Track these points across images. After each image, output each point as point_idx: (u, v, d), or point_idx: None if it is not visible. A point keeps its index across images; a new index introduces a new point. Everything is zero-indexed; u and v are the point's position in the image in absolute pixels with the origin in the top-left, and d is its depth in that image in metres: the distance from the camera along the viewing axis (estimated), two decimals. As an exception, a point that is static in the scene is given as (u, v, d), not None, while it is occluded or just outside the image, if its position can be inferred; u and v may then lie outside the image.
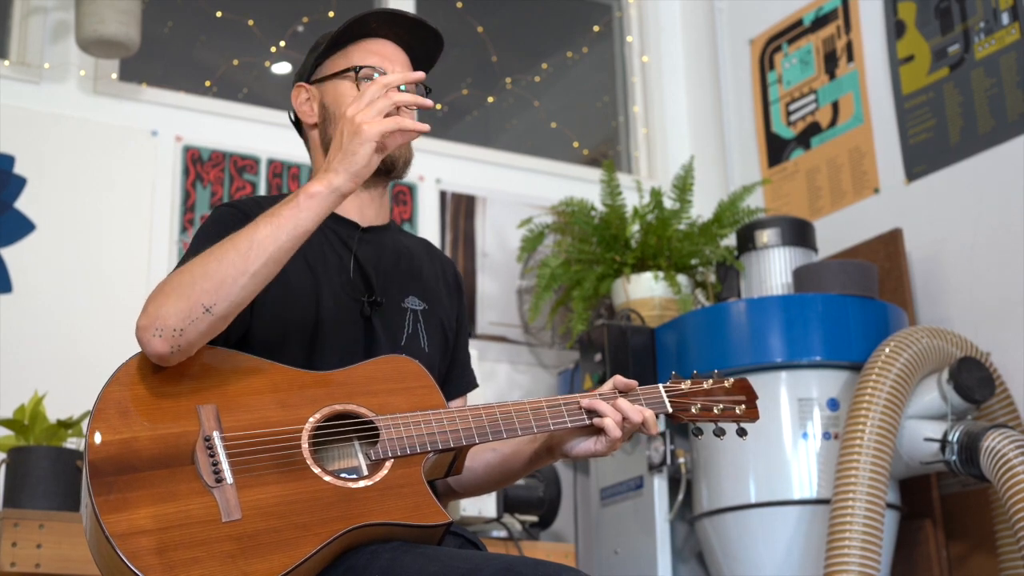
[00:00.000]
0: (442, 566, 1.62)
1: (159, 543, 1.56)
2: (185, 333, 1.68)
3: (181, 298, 1.69)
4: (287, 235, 1.71)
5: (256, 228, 1.71)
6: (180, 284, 1.71)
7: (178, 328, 1.68)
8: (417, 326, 2.00)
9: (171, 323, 1.68)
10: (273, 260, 1.71)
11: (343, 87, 2.01)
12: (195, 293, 1.68)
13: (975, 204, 3.64)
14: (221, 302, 1.69)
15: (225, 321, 1.72)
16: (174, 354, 1.69)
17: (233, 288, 1.69)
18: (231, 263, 1.69)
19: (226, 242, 1.72)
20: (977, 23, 3.73)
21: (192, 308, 1.68)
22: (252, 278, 1.70)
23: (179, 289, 1.70)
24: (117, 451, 1.62)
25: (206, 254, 1.72)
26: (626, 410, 1.85)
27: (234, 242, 1.71)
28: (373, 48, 2.02)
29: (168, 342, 1.68)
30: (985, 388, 3.20)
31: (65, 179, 3.62)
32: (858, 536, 3.01)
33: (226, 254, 1.70)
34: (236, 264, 1.69)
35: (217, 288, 1.69)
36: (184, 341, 1.69)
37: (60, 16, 3.73)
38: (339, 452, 1.75)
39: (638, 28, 4.82)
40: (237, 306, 1.71)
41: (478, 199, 4.25)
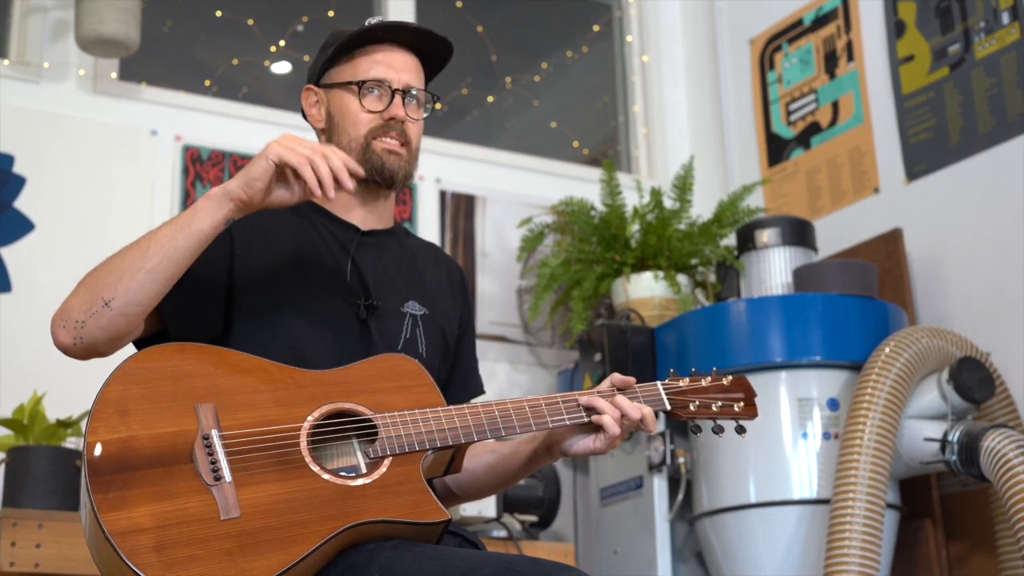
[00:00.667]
0: (441, 565, 1.62)
1: (158, 541, 1.56)
2: (86, 326, 1.75)
3: (86, 291, 1.77)
4: (183, 234, 1.77)
5: (158, 228, 1.79)
6: (88, 278, 1.78)
7: (80, 320, 1.75)
8: (416, 331, 2.00)
9: (74, 315, 1.76)
10: (169, 258, 1.76)
11: (347, 99, 2.02)
12: (97, 287, 1.76)
13: (975, 204, 3.64)
14: (119, 297, 1.74)
15: (126, 319, 1.76)
16: (77, 346, 1.77)
17: (131, 284, 1.75)
18: (131, 259, 1.76)
19: (134, 242, 1.79)
20: (977, 23, 3.72)
21: (93, 301, 1.75)
22: (148, 274, 1.75)
23: (86, 283, 1.78)
24: (116, 450, 1.62)
25: (116, 252, 1.79)
26: (625, 407, 1.85)
27: (138, 241, 1.79)
28: (380, 58, 2.02)
29: (71, 333, 1.76)
30: (985, 388, 3.20)
31: (65, 178, 3.62)
32: (858, 536, 3.01)
33: (128, 251, 1.78)
34: (135, 260, 1.76)
35: (116, 282, 1.75)
36: (86, 334, 1.75)
37: (59, 15, 3.73)
38: (337, 450, 1.75)
39: (638, 28, 4.82)
40: (136, 304, 1.76)
41: (478, 199, 4.25)
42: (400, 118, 2.00)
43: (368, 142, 1.99)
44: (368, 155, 1.99)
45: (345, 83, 2.02)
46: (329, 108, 2.04)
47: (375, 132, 1.99)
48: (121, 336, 1.79)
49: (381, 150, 1.99)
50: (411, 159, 2.03)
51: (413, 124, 2.02)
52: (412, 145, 2.03)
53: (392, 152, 2.00)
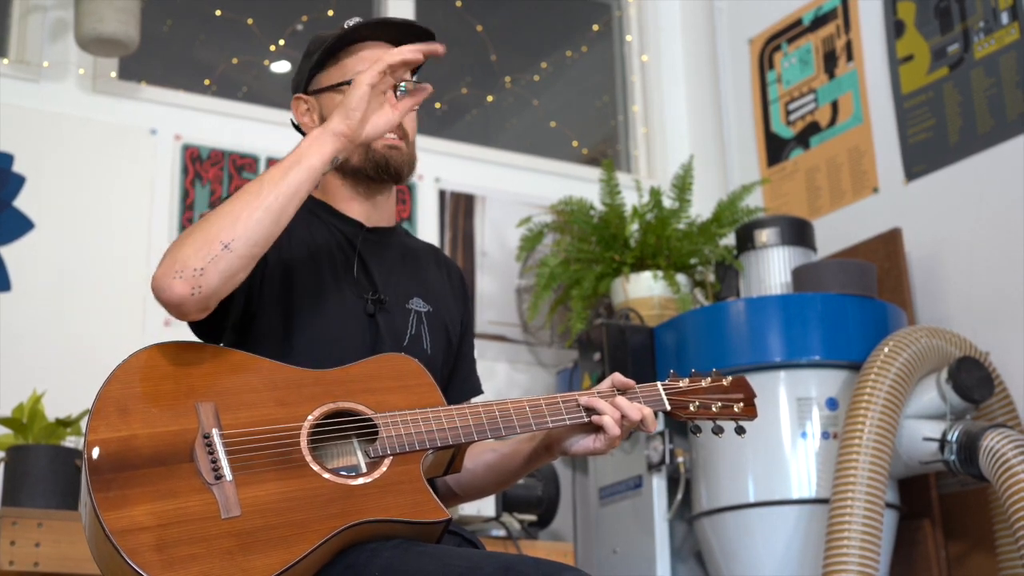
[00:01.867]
0: (441, 564, 1.62)
1: (158, 540, 1.56)
2: (206, 272, 1.67)
3: (199, 239, 1.69)
4: (295, 170, 1.74)
5: (264, 172, 1.76)
6: (196, 229, 1.72)
7: (198, 268, 1.67)
8: (420, 327, 2.00)
9: (191, 263, 1.67)
10: (284, 194, 1.73)
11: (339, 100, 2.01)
12: (212, 231, 1.69)
13: (974, 204, 3.64)
14: (239, 237, 1.69)
15: (244, 261, 1.70)
16: (194, 297, 1.68)
17: (249, 222, 1.70)
18: (244, 201, 1.72)
19: (240, 190, 1.75)
20: (976, 23, 3.73)
21: (211, 245, 1.68)
22: (266, 212, 1.71)
23: (195, 233, 1.71)
24: (116, 449, 1.62)
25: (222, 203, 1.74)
26: (625, 408, 1.85)
27: (245, 187, 1.74)
28: (367, 55, 2.02)
29: (189, 283, 1.67)
30: (984, 388, 3.20)
31: (64, 177, 3.62)
32: (857, 536, 3.01)
33: (239, 196, 1.73)
34: (249, 201, 1.71)
35: (234, 223, 1.69)
36: (205, 282, 1.67)
37: (59, 14, 3.73)
38: (338, 450, 1.75)
39: (637, 27, 4.82)
40: (255, 244, 1.71)
41: (477, 198, 4.25)
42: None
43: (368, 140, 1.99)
44: (370, 153, 1.99)
45: (336, 85, 2.02)
46: (322, 113, 2.04)
47: None
48: (236, 283, 1.72)
49: (382, 147, 1.99)
50: (411, 151, 2.04)
51: (408, 116, 2.03)
52: (410, 137, 2.04)
53: (393, 147, 2.00)
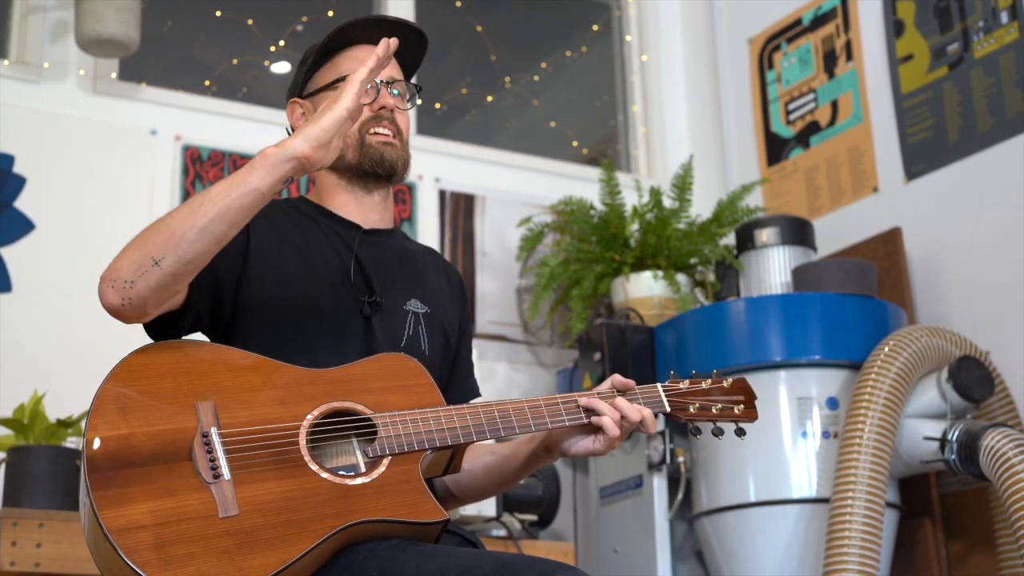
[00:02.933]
0: (440, 564, 1.62)
1: (156, 538, 1.56)
2: (135, 286, 1.70)
3: (135, 251, 1.72)
4: (237, 192, 1.70)
5: (211, 187, 1.74)
6: (137, 239, 1.74)
7: (129, 280, 1.70)
8: (418, 328, 2.00)
9: (123, 275, 1.71)
10: (221, 217, 1.70)
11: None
12: (147, 246, 1.71)
13: (974, 203, 3.64)
14: (170, 255, 1.70)
15: (175, 279, 1.72)
16: (125, 307, 1.71)
17: (182, 242, 1.70)
18: (182, 218, 1.71)
19: (185, 202, 1.75)
20: (976, 22, 3.73)
21: (143, 260, 1.70)
22: (200, 232, 1.70)
23: (135, 243, 1.73)
24: (115, 447, 1.62)
25: (168, 212, 1.75)
26: (624, 409, 1.85)
27: (189, 201, 1.74)
28: (359, 55, 2.02)
29: (119, 293, 1.71)
30: (984, 387, 3.21)
31: (65, 178, 3.62)
32: (857, 535, 3.01)
33: (180, 211, 1.73)
34: (186, 219, 1.71)
35: (167, 241, 1.70)
36: (135, 294, 1.70)
37: (59, 15, 3.73)
38: (337, 449, 1.75)
39: (637, 27, 4.82)
40: (186, 263, 1.71)
41: (477, 198, 4.25)
42: (390, 106, 2.01)
43: (362, 136, 2.00)
44: (365, 149, 2.00)
45: (329, 84, 2.03)
46: None
47: (367, 125, 2.00)
48: (168, 296, 1.74)
49: (377, 143, 2.00)
50: (404, 149, 2.04)
51: (401, 114, 2.04)
52: (403, 135, 2.05)
53: (387, 143, 2.00)
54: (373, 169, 2.00)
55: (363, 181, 2.03)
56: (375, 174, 2.01)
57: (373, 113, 2.00)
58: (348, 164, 2.01)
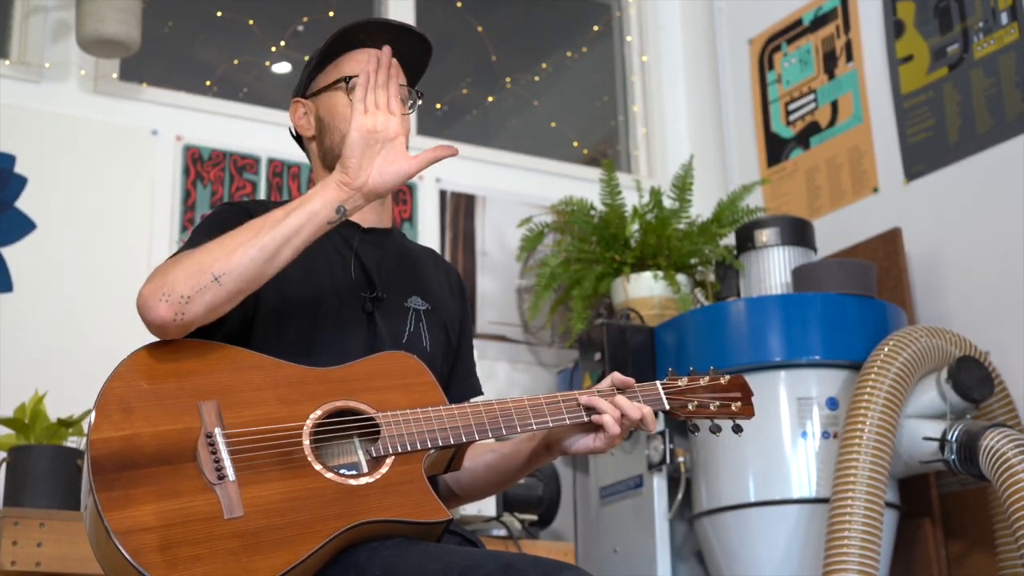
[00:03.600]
0: (442, 563, 1.62)
1: (162, 540, 1.56)
2: (192, 302, 1.69)
3: (192, 266, 1.71)
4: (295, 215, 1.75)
5: (271, 212, 1.76)
6: (191, 256, 1.73)
7: (185, 295, 1.69)
8: (419, 325, 2.01)
9: (179, 289, 1.70)
10: (282, 236, 1.73)
11: (336, 98, 2.03)
12: (206, 262, 1.71)
13: (974, 204, 3.65)
14: (231, 272, 1.70)
15: (230, 297, 1.72)
16: (176, 322, 1.70)
17: (244, 259, 1.71)
18: (244, 237, 1.73)
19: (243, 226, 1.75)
20: (976, 23, 3.73)
21: (202, 276, 1.70)
22: (261, 251, 1.72)
23: (190, 259, 1.72)
24: (119, 448, 1.62)
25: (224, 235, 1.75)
26: (624, 407, 1.86)
27: (250, 223, 1.75)
28: (363, 58, 2.03)
29: (173, 308, 1.69)
30: (984, 387, 3.21)
31: (66, 178, 3.62)
32: (857, 535, 3.01)
33: (240, 231, 1.74)
34: (248, 238, 1.72)
35: (228, 257, 1.71)
36: (189, 310, 1.70)
37: (60, 15, 3.73)
38: (339, 448, 1.75)
39: (637, 28, 4.83)
40: (246, 281, 1.72)
41: (478, 198, 4.26)
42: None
43: None
44: None
45: (332, 84, 2.04)
46: (319, 113, 2.06)
47: None
48: (218, 315, 1.75)
49: None
50: None
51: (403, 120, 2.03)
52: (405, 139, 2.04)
53: None
54: None
55: None
56: None
57: None
58: None
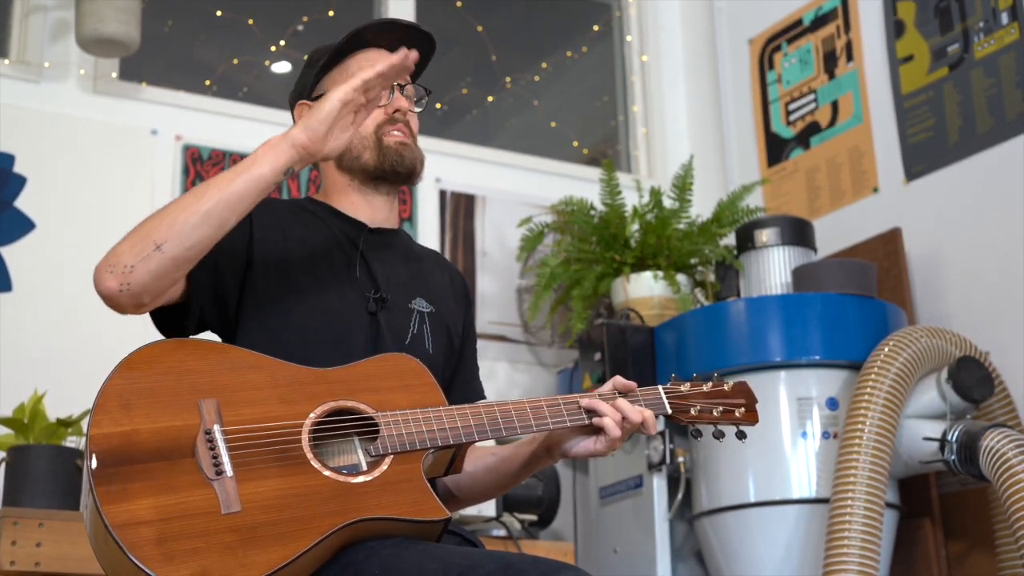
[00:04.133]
0: (441, 563, 1.62)
1: (159, 534, 1.56)
2: (135, 270, 1.71)
3: (136, 236, 1.73)
4: (242, 179, 1.75)
5: (215, 176, 1.77)
6: (139, 226, 1.75)
7: (129, 264, 1.71)
8: (423, 327, 2.01)
9: (123, 259, 1.72)
10: (225, 202, 1.74)
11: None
12: (149, 231, 1.73)
13: (974, 204, 3.65)
14: (172, 239, 1.71)
15: (176, 263, 1.73)
16: (123, 293, 1.72)
17: (185, 227, 1.72)
18: (185, 204, 1.74)
19: (189, 191, 1.77)
20: (976, 23, 3.73)
21: (144, 245, 1.72)
22: (203, 217, 1.72)
23: (136, 230, 1.75)
24: (119, 443, 1.62)
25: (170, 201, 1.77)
26: (626, 410, 1.86)
27: (193, 188, 1.76)
28: (372, 56, 2.03)
29: (118, 278, 1.71)
30: (984, 387, 3.21)
31: (65, 178, 3.62)
32: (857, 535, 3.01)
33: (183, 198, 1.76)
34: (190, 204, 1.73)
35: (170, 225, 1.72)
36: (134, 279, 1.71)
37: (60, 15, 3.73)
38: (339, 448, 1.75)
39: (637, 27, 4.83)
40: (188, 247, 1.73)
41: (478, 198, 4.25)
42: (405, 108, 2.03)
43: (379, 138, 2.01)
44: (384, 151, 2.00)
45: None
46: None
47: (382, 128, 2.01)
48: (168, 284, 1.76)
49: (395, 143, 2.01)
50: (418, 150, 2.06)
51: (413, 116, 2.06)
52: (415, 138, 2.06)
53: (404, 143, 2.02)
54: (393, 169, 2.01)
55: (375, 183, 2.03)
56: (394, 173, 2.02)
57: (387, 116, 2.01)
58: (364, 165, 2.01)
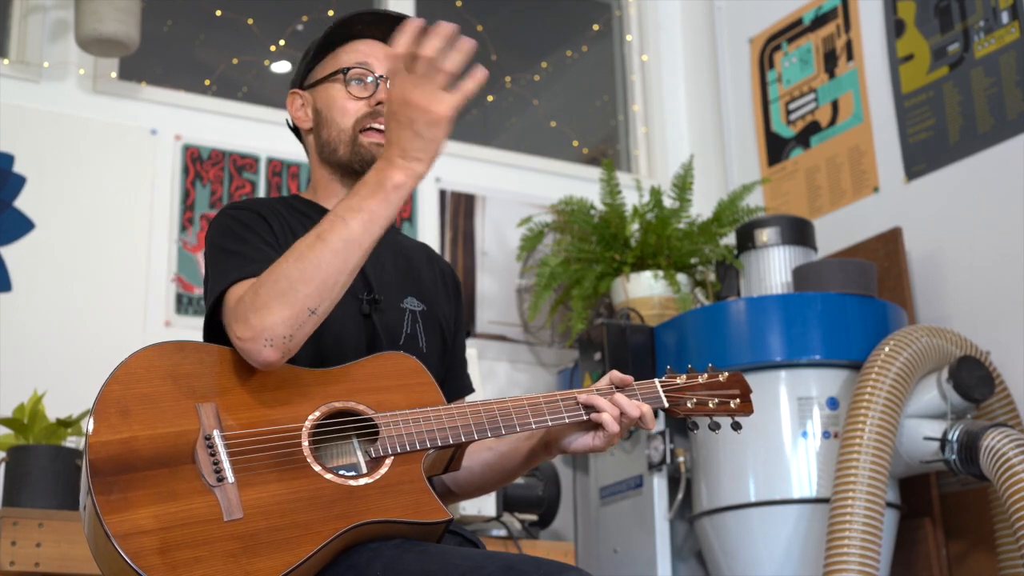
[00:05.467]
0: (443, 564, 1.62)
1: (161, 543, 1.56)
2: (294, 338, 1.71)
3: (286, 306, 1.69)
4: (379, 228, 1.72)
5: (346, 224, 1.70)
6: (279, 292, 1.70)
7: (287, 335, 1.70)
8: (416, 326, 2.00)
9: (280, 331, 1.69)
10: (365, 251, 1.72)
11: (333, 90, 2.02)
12: (299, 299, 1.69)
13: (975, 203, 3.64)
14: (325, 302, 1.71)
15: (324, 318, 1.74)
16: (284, 358, 1.72)
17: (335, 288, 1.71)
18: (330, 263, 1.70)
19: (315, 242, 1.70)
20: (977, 22, 3.73)
21: (299, 314, 1.69)
22: (351, 276, 1.72)
23: (280, 297, 1.69)
24: (117, 451, 1.62)
25: (295, 258, 1.70)
26: (623, 405, 1.85)
27: (325, 241, 1.70)
28: (361, 48, 2.03)
29: (279, 350, 1.70)
30: (984, 387, 3.20)
31: (65, 178, 3.62)
32: (858, 535, 3.01)
33: (321, 256, 1.70)
34: (335, 264, 1.70)
35: (320, 290, 1.69)
36: (293, 345, 1.71)
37: (59, 15, 3.73)
38: (338, 450, 1.75)
39: (637, 27, 4.82)
40: (336, 302, 1.73)
41: (477, 198, 4.25)
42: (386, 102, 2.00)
43: (355, 135, 1.99)
44: (356, 148, 1.99)
45: (329, 75, 2.02)
46: (316, 105, 2.04)
47: (363, 122, 1.99)
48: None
49: (369, 143, 1.99)
50: None
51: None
52: None
53: (379, 144, 1.99)
54: (363, 169, 1.98)
55: (355, 178, 2.02)
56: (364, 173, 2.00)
57: (370, 109, 2.00)
58: (340, 160, 2.01)
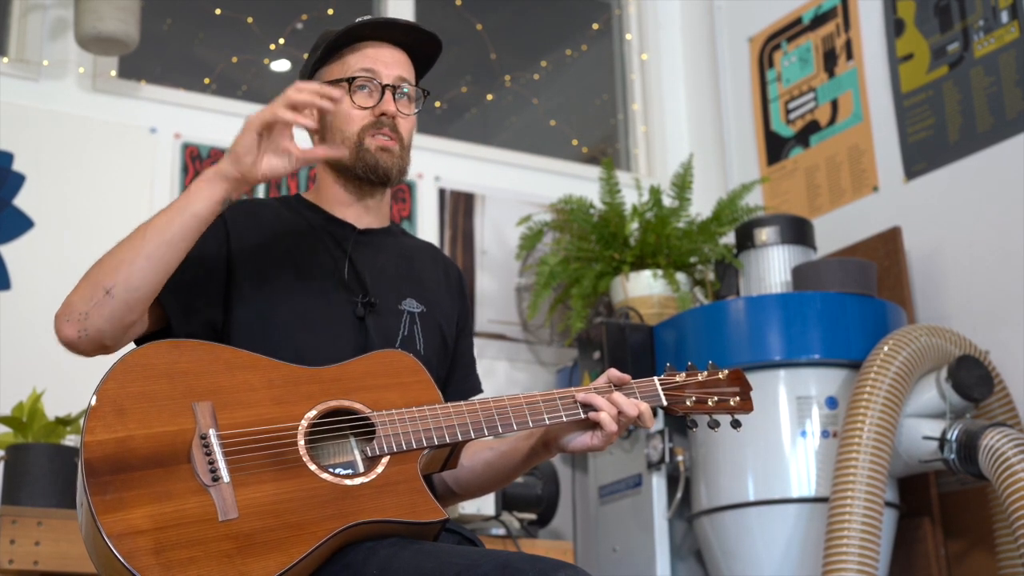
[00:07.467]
0: (439, 562, 1.62)
1: (156, 543, 1.55)
2: (90, 316, 1.75)
3: (86, 283, 1.77)
4: (180, 219, 1.76)
5: (155, 215, 1.79)
6: (89, 272, 1.78)
7: (83, 311, 1.75)
8: (413, 328, 2.00)
9: (77, 307, 1.76)
10: (167, 243, 1.76)
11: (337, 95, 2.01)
12: (98, 277, 1.76)
13: (974, 202, 3.64)
14: (119, 284, 1.74)
15: (128, 306, 1.76)
16: (82, 339, 1.76)
17: (131, 270, 1.75)
18: (129, 247, 1.77)
19: (133, 231, 1.79)
20: (976, 21, 3.72)
21: (95, 290, 1.75)
22: (147, 260, 1.75)
23: (87, 276, 1.78)
24: (113, 450, 1.62)
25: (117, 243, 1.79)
26: (621, 404, 1.85)
27: (137, 229, 1.78)
28: (369, 53, 2.02)
29: (75, 326, 1.75)
30: (984, 386, 3.20)
31: (64, 176, 3.62)
32: (857, 534, 3.01)
33: (127, 240, 1.78)
34: (133, 247, 1.76)
35: (115, 270, 1.75)
36: (90, 325, 1.75)
37: (59, 13, 3.73)
38: (335, 448, 1.75)
39: (637, 26, 4.82)
40: (136, 290, 1.75)
41: (477, 197, 4.25)
42: (391, 113, 2.00)
43: (361, 140, 1.99)
44: (362, 153, 1.99)
45: (335, 81, 2.02)
46: None
47: (367, 129, 1.99)
48: (125, 326, 1.78)
49: (375, 148, 1.99)
50: (403, 155, 2.03)
51: (404, 120, 2.03)
52: (404, 141, 2.03)
53: (385, 149, 1.99)
54: (366, 174, 1.99)
55: (357, 183, 2.03)
56: (368, 179, 2.01)
57: (374, 118, 2.00)
58: (344, 165, 2.01)
